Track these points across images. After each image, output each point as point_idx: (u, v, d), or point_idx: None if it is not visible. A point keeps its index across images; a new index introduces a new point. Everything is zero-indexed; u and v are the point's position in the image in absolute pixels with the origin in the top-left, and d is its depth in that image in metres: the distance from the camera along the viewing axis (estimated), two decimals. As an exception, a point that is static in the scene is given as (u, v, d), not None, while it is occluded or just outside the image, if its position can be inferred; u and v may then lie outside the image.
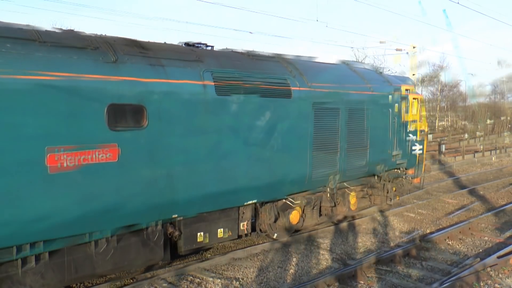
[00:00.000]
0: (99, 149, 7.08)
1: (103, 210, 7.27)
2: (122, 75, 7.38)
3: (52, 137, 6.58)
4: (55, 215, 6.78)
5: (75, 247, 7.29)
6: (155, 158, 7.76)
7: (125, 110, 7.41)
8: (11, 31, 6.77)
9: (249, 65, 9.50)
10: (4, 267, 6.65)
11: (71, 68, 6.88)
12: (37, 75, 6.54)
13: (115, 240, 7.70)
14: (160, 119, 7.77)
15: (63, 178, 6.71)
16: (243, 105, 9.00)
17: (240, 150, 9.04)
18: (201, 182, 8.46)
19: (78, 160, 6.86)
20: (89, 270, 7.50)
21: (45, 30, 7.32)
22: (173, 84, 7.95)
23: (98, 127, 7.06)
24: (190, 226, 8.82)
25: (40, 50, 6.72)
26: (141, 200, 7.68)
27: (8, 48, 6.44)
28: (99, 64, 7.22)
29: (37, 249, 6.90)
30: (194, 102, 8.23)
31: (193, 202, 8.50)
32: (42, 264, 6.98)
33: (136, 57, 7.73)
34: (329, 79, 11.27)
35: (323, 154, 10.82)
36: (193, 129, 8.26)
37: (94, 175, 7.04)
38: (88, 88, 6.98)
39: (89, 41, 7.47)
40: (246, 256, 10.19)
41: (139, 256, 8.08)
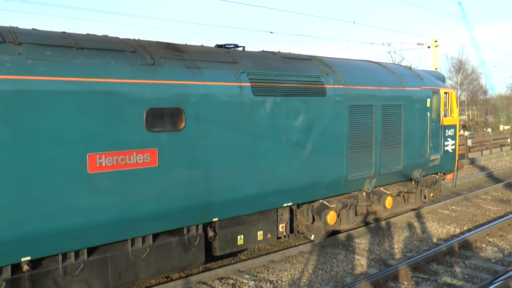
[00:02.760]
0: (138, 152, 7.06)
1: (144, 215, 7.24)
2: (159, 78, 7.34)
3: (92, 140, 6.62)
4: (98, 222, 6.78)
5: (118, 253, 7.29)
6: (193, 161, 7.71)
7: (163, 113, 7.37)
8: (51, 39, 6.80)
9: (283, 65, 9.38)
10: (51, 275, 6.67)
11: (109, 73, 6.88)
12: (77, 81, 6.53)
13: (157, 245, 7.68)
14: (197, 121, 7.70)
15: (102, 181, 6.73)
16: (279, 106, 8.88)
17: (276, 151, 8.92)
18: (239, 184, 8.38)
19: (117, 163, 6.86)
20: (132, 276, 7.47)
21: (82, 36, 7.31)
22: (209, 86, 7.87)
23: (137, 131, 7.04)
24: (229, 229, 8.73)
25: (79, 57, 6.74)
26: (180, 204, 7.63)
27: (48, 56, 6.46)
28: (137, 68, 7.18)
29: (81, 256, 6.95)
30: (230, 104, 8.14)
31: (232, 205, 8.42)
32: (86, 272, 6.98)
33: (172, 60, 7.68)
34: (362, 76, 11.08)
35: (359, 155, 10.62)
36: (230, 131, 8.17)
37: (133, 178, 7.04)
38: (127, 92, 6.96)
39: (126, 46, 7.44)
40: (282, 259, 10.05)
41: (181, 260, 8.02)
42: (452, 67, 69.39)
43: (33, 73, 6.21)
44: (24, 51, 6.31)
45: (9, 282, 6.32)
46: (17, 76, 6.07)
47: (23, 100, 6.07)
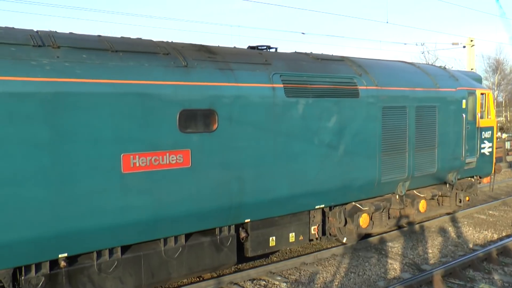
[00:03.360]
0: (171, 153, 7.15)
1: (177, 215, 7.34)
2: (192, 80, 7.41)
3: (126, 141, 6.75)
4: (132, 221, 6.92)
5: (151, 252, 7.40)
6: (225, 162, 7.76)
7: (196, 114, 7.44)
8: (87, 43, 6.97)
9: (315, 66, 9.33)
10: (86, 271, 6.85)
11: (143, 75, 6.99)
12: (111, 83, 6.68)
13: (189, 245, 7.76)
14: (230, 123, 7.75)
15: (136, 181, 6.85)
16: (311, 107, 8.84)
17: (309, 153, 8.87)
18: (271, 185, 8.38)
19: (151, 164, 6.97)
20: (165, 275, 7.57)
21: (117, 39, 7.46)
22: (242, 88, 7.90)
23: (170, 132, 7.14)
24: (261, 230, 8.74)
25: (113, 59, 6.89)
26: (213, 204, 7.69)
27: (84, 59, 6.63)
28: (170, 70, 7.27)
29: (115, 254, 7.09)
30: (263, 105, 8.15)
31: (264, 206, 8.42)
32: (120, 269, 7.12)
33: (205, 62, 7.75)
34: (395, 77, 10.91)
35: (392, 158, 10.45)
36: (262, 132, 8.18)
37: (166, 179, 7.15)
38: (160, 93, 7.07)
39: (159, 48, 7.56)
40: (313, 261, 9.98)
41: (213, 260, 8.08)
42: (488, 67, 67.47)
43: (70, 75, 6.38)
44: (62, 54, 6.50)
45: (48, 277, 6.53)
46: (55, 78, 6.25)
47: (60, 101, 6.25)
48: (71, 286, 6.72)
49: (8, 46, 6.20)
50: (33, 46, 6.38)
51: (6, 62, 6.01)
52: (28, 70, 6.10)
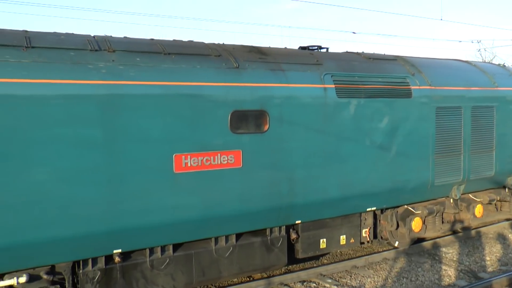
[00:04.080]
0: (223, 153, 7.23)
1: (228, 215, 7.42)
2: (243, 81, 7.47)
3: (178, 141, 6.89)
4: (183, 219, 7.05)
5: (202, 251, 7.51)
6: (276, 162, 7.77)
7: (247, 115, 7.49)
8: (140, 46, 7.19)
9: (367, 66, 9.18)
10: (139, 267, 7.04)
11: (195, 76, 7.12)
12: (164, 85, 6.84)
13: (240, 244, 7.82)
14: (281, 123, 7.75)
15: (187, 181, 6.98)
16: (363, 108, 8.70)
17: (360, 155, 8.74)
18: (322, 186, 8.31)
19: (202, 164, 7.08)
20: (216, 273, 7.66)
21: (169, 42, 7.64)
22: (293, 88, 7.89)
23: (221, 132, 7.22)
24: (312, 231, 8.68)
25: (166, 62, 7.05)
26: (263, 205, 7.71)
27: (138, 62, 6.83)
28: (221, 71, 7.36)
29: (167, 252, 7.26)
30: (314, 106, 8.10)
31: (315, 207, 8.37)
32: (172, 266, 7.27)
33: (256, 63, 7.80)
34: (449, 76, 10.55)
35: (446, 159, 10.11)
36: (313, 133, 8.13)
37: (217, 179, 7.24)
38: (212, 95, 7.16)
39: (211, 50, 7.67)
40: (364, 265, 9.81)
41: (264, 261, 8.10)
42: None
43: (125, 78, 6.59)
44: (117, 58, 6.72)
45: (103, 272, 6.78)
46: (110, 81, 6.48)
47: (115, 103, 6.46)
48: (125, 281, 6.94)
49: (67, 51, 6.50)
50: (90, 50, 6.64)
51: (66, 66, 6.30)
52: (85, 73, 6.36)
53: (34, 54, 6.24)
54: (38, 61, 6.18)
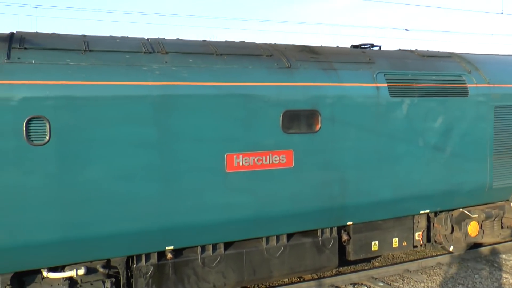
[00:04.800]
0: (275, 153, 7.25)
1: (279, 214, 7.43)
2: (295, 81, 7.47)
3: (230, 141, 6.99)
4: (235, 218, 7.14)
5: (253, 250, 7.56)
6: (327, 163, 7.72)
7: (299, 115, 7.48)
8: (193, 47, 7.34)
9: (420, 64, 8.95)
10: (191, 264, 7.18)
11: (247, 77, 7.19)
12: (216, 86, 6.95)
13: (291, 245, 7.81)
14: (333, 123, 7.69)
15: (239, 180, 7.06)
16: (416, 107, 8.49)
17: (413, 155, 8.52)
18: (374, 188, 8.17)
19: (254, 164, 7.13)
20: (266, 273, 7.68)
21: (221, 43, 7.74)
22: (346, 88, 7.81)
23: (273, 132, 7.25)
24: (364, 233, 8.55)
25: (218, 63, 7.15)
26: (315, 205, 7.67)
27: (191, 63, 6.96)
28: (273, 71, 7.39)
29: (218, 250, 7.36)
30: (366, 105, 7.99)
31: (366, 209, 8.24)
32: (223, 264, 7.36)
33: (308, 63, 7.77)
34: (510, 73, 10.08)
35: (506, 161, 9.68)
36: (365, 133, 8.02)
37: (269, 179, 7.27)
38: (263, 95, 7.20)
39: (263, 50, 7.72)
40: (417, 269, 9.54)
41: (315, 262, 8.05)
42: None
43: (178, 79, 6.75)
44: (170, 59, 6.89)
45: (156, 267, 6.96)
46: (163, 82, 6.65)
47: (168, 104, 6.63)
48: (177, 277, 7.09)
49: (123, 53, 6.73)
50: (144, 53, 6.84)
51: (122, 68, 6.52)
52: (140, 75, 6.56)
53: (91, 57, 6.50)
54: (95, 64, 6.43)
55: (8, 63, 6.03)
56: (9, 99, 5.90)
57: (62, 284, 6.56)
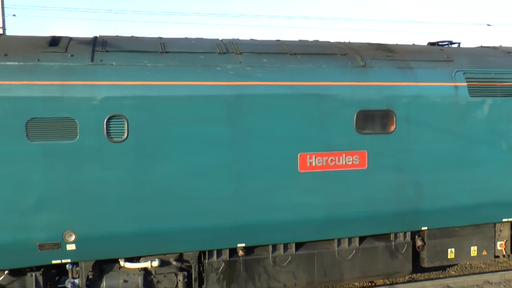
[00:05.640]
0: (348, 154, 7.15)
1: (351, 216, 7.29)
2: (370, 80, 7.32)
3: (303, 141, 6.95)
4: (307, 219, 7.08)
5: (325, 251, 7.47)
6: (402, 164, 7.47)
7: (373, 115, 7.32)
8: (266, 47, 7.39)
9: (505, 61, 8.43)
10: (262, 262, 7.22)
11: (320, 76, 7.13)
12: (290, 85, 6.94)
13: (363, 248, 7.65)
14: (408, 124, 7.44)
15: (312, 180, 7.01)
16: (499, 107, 8.01)
17: (495, 159, 8.03)
18: (451, 192, 7.79)
19: (327, 164, 7.05)
20: (337, 275, 7.57)
21: (295, 43, 7.72)
22: (422, 87, 7.54)
23: (347, 133, 7.13)
24: (439, 240, 8.17)
25: (292, 62, 7.14)
26: (388, 208, 7.45)
27: (265, 63, 7.01)
28: (348, 70, 7.27)
29: (290, 250, 7.33)
30: (444, 105, 7.65)
31: (443, 214, 7.87)
32: (294, 264, 7.32)
33: (383, 61, 7.59)
34: None
35: None
36: (442, 134, 7.67)
37: (342, 180, 7.16)
38: (337, 94, 7.12)
39: (337, 49, 7.63)
40: (500, 281, 8.97)
41: (387, 266, 7.81)
42: None
43: (252, 79, 6.82)
44: (244, 59, 6.98)
45: (227, 263, 7.08)
46: (238, 82, 6.74)
47: (242, 103, 6.71)
48: (247, 274, 7.15)
49: (198, 54, 6.90)
50: (218, 53, 6.97)
51: (197, 69, 6.69)
52: (214, 75, 6.69)
53: (167, 58, 6.72)
54: (171, 65, 6.64)
55: (92, 65, 6.39)
56: (91, 99, 6.24)
57: (137, 274, 6.83)
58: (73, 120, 6.18)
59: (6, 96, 6.00)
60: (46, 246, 6.25)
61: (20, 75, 6.10)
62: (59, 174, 6.18)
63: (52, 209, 6.19)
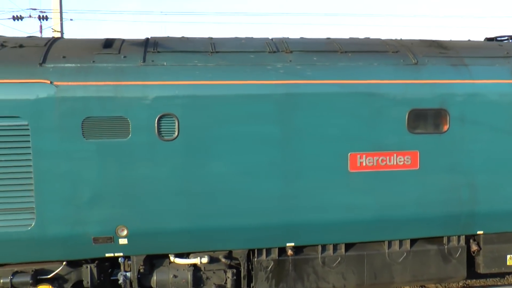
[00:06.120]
0: (399, 154, 7.00)
1: (402, 218, 7.12)
2: (422, 78, 7.13)
3: (353, 140, 6.87)
4: (356, 220, 6.99)
5: (375, 253, 7.35)
6: (456, 165, 7.22)
7: (426, 114, 7.12)
8: (317, 46, 7.35)
9: None
10: (311, 262, 7.18)
11: (371, 74, 7.02)
12: (340, 84, 6.87)
13: (415, 251, 7.45)
14: (462, 123, 7.18)
15: (362, 180, 6.91)
16: None
17: (560, 160, 7.58)
18: (509, 195, 7.44)
19: (377, 164, 6.93)
20: (388, 278, 7.41)
21: (345, 40, 7.63)
22: (478, 85, 7.24)
23: (398, 132, 6.98)
24: (497, 245, 7.81)
25: (342, 60, 7.07)
26: (441, 210, 7.23)
27: (315, 61, 6.99)
28: (399, 68, 7.12)
29: (339, 250, 7.27)
30: (502, 104, 7.32)
31: (500, 218, 7.53)
32: (343, 266, 7.25)
33: (436, 58, 7.37)
34: None
35: None
36: (500, 135, 7.34)
37: (392, 180, 7.01)
38: (388, 93, 6.98)
39: (388, 46, 7.49)
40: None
41: (440, 271, 7.56)
42: None
43: (302, 77, 6.80)
44: (294, 58, 6.97)
45: (276, 262, 7.08)
46: (288, 81, 6.74)
47: (292, 102, 6.70)
48: (296, 274, 7.13)
49: (248, 53, 6.96)
50: (268, 52, 7.00)
51: (247, 68, 6.75)
52: (264, 74, 6.72)
53: (218, 58, 6.81)
54: (221, 64, 6.73)
55: (144, 65, 6.57)
56: (143, 98, 6.42)
57: (187, 270, 6.95)
58: (126, 119, 6.38)
59: (64, 97, 6.29)
60: (100, 239, 6.51)
61: (77, 76, 6.37)
62: (112, 171, 6.40)
63: (105, 205, 6.43)
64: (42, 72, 6.34)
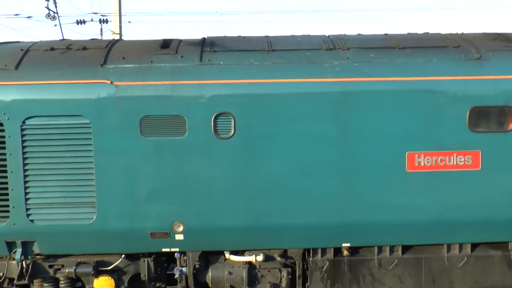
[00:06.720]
0: (459, 154, 6.75)
1: (462, 221, 6.88)
2: (485, 73, 6.84)
3: (411, 139, 6.70)
4: (414, 221, 6.82)
5: (433, 256, 7.14)
6: None
7: (489, 112, 6.83)
8: (374, 42, 7.24)
9: None
10: (367, 264, 7.06)
11: (430, 71, 6.82)
12: (398, 81, 6.73)
13: (476, 256, 7.17)
14: None
15: (420, 181, 6.73)
16: None
17: None
18: None
19: (436, 164, 6.73)
20: (447, 283, 7.17)
21: (404, 36, 7.47)
22: None
23: (458, 131, 6.74)
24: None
25: (400, 57, 6.92)
26: (505, 214, 6.90)
27: (372, 58, 6.87)
28: (460, 63, 6.86)
29: (396, 252, 7.11)
30: None
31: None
32: (400, 268, 7.08)
33: (502, 52, 7.04)
34: None
35: None
36: None
37: (452, 181, 6.78)
38: (448, 90, 6.75)
39: (449, 41, 7.27)
40: None
41: (504, 279, 7.22)
42: None
43: (359, 75, 6.71)
44: (351, 55, 6.88)
45: (332, 262, 7.03)
46: (344, 78, 6.67)
47: (349, 100, 6.63)
48: (352, 275, 7.03)
49: (304, 51, 6.94)
50: (325, 50, 6.96)
51: (303, 66, 6.74)
52: (321, 72, 6.69)
53: (274, 56, 6.84)
54: (277, 63, 6.76)
55: (200, 65, 6.71)
56: (200, 97, 6.55)
57: (242, 267, 7.00)
58: (182, 117, 6.52)
59: (123, 96, 6.53)
60: (157, 235, 6.70)
61: (136, 76, 6.60)
62: (169, 168, 6.57)
63: (162, 201, 6.61)
64: (103, 72, 6.61)
